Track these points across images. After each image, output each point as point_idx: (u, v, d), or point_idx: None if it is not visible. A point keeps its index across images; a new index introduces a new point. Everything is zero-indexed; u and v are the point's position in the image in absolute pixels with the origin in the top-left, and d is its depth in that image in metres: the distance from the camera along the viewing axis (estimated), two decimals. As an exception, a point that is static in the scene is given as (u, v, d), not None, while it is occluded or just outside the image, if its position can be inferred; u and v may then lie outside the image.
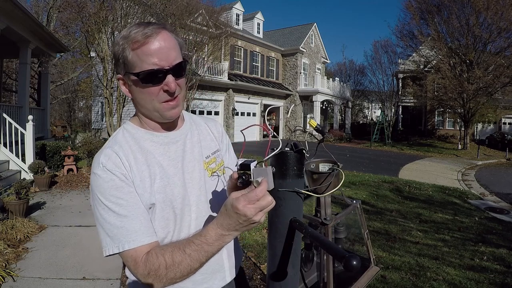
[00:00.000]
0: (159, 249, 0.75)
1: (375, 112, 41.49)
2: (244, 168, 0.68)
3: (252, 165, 0.67)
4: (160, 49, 0.76)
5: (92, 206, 0.79)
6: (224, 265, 0.95)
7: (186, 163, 0.89)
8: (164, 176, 0.83)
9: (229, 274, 0.97)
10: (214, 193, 0.94)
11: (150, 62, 0.76)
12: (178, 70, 0.80)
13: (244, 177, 0.67)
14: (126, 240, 0.75)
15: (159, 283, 0.73)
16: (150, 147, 0.85)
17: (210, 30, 14.43)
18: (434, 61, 20.78)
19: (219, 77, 18.02)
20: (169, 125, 0.89)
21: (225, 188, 0.98)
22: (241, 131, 0.90)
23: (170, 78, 0.78)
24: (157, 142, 0.86)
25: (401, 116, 28.78)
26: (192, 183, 0.88)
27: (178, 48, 0.82)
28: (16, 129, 6.84)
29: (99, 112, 19.01)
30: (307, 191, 0.77)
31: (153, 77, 0.77)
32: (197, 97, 15.96)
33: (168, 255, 0.72)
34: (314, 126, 0.84)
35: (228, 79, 18.65)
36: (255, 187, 0.64)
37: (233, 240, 0.84)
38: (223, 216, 0.68)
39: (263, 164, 0.70)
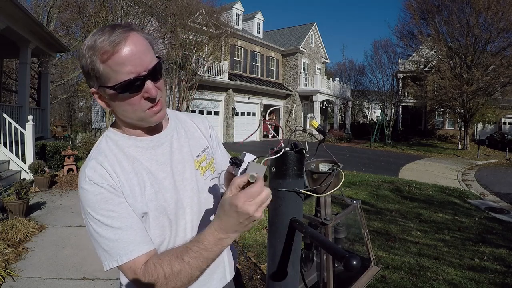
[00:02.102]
0: (156, 259, 0.72)
1: (375, 112, 41.47)
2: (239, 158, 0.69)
3: (248, 156, 0.67)
4: (132, 55, 0.70)
5: (85, 221, 0.76)
6: (224, 264, 0.94)
7: (175, 165, 0.85)
8: (154, 182, 0.80)
9: (229, 273, 0.96)
10: (207, 192, 0.91)
11: (125, 72, 0.69)
12: (155, 73, 0.74)
13: (237, 161, 0.67)
14: (124, 253, 0.72)
15: None
16: (136, 153, 0.81)
17: (210, 30, 14.43)
18: (434, 61, 20.79)
19: (219, 77, 18.03)
20: (153, 128, 0.84)
21: (219, 184, 0.96)
22: (264, 122, 0.91)
23: (149, 84, 0.73)
24: (142, 147, 0.82)
25: (401, 116, 28.77)
26: (183, 185, 0.85)
27: (150, 48, 0.75)
28: (16, 129, 6.84)
29: (99, 112, 19.00)
30: (307, 191, 0.77)
31: (131, 86, 0.71)
32: (197, 97, 15.96)
33: (166, 265, 0.70)
34: (316, 127, 0.83)
35: (228, 79, 18.65)
36: (249, 181, 0.63)
37: None
38: (221, 218, 0.65)
39: (262, 162, 0.69)
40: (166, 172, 0.83)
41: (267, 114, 21.92)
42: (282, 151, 0.71)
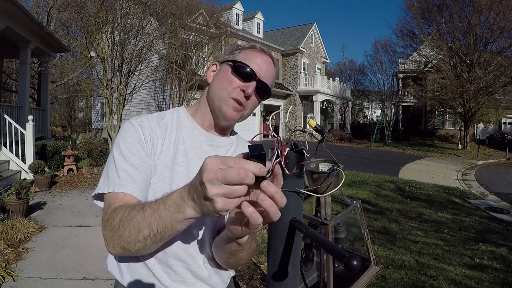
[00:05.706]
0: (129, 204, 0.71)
1: (375, 112, 41.47)
2: (256, 152, 0.49)
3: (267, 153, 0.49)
4: (262, 63, 0.86)
5: (110, 153, 0.83)
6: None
7: None
8: (181, 164, 0.84)
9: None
10: None
11: (250, 62, 0.85)
12: (261, 88, 0.86)
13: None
14: (119, 183, 0.75)
15: (111, 240, 0.68)
16: (186, 135, 0.88)
17: (210, 30, 14.41)
18: (435, 61, 20.78)
19: (219, 77, 17.97)
20: (216, 129, 0.91)
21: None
22: (272, 115, 0.94)
23: (253, 84, 0.83)
24: (194, 135, 0.89)
25: (401, 116, 28.77)
26: None
27: (271, 80, 0.90)
28: (16, 129, 6.84)
29: (99, 112, 18.99)
30: (307, 191, 0.77)
31: (243, 71, 0.84)
32: (197, 97, 15.90)
33: (128, 210, 0.67)
34: (313, 126, 0.83)
35: (228, 79, 18.61)
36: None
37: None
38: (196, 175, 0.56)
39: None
40: (197, 167, 0.82)
41: (271, 116, 21.88)
42: (286, 151, 0.62)
